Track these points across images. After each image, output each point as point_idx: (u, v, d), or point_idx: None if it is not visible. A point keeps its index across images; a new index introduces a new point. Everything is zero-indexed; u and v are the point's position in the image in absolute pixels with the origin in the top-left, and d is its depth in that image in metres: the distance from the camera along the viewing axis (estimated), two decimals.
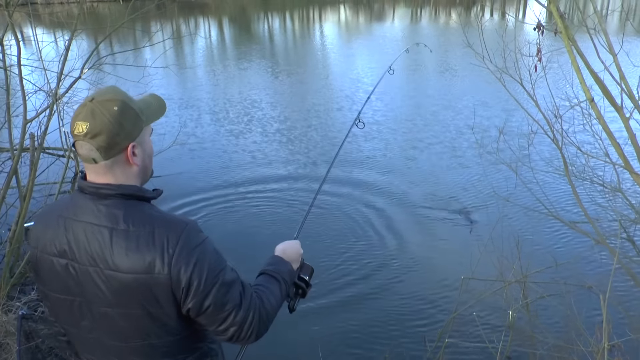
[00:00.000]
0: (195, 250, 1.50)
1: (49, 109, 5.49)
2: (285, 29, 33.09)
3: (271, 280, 1.78)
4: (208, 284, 1.50)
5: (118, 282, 1.48)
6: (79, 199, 1.55)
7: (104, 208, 1.51)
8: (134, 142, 1.55)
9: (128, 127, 1.53)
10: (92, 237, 1.49)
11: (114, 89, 1.59)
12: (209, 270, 1.51)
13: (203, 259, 1.51)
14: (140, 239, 1.47)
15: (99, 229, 1.49)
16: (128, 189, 1.54)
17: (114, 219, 1.49)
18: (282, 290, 1.79)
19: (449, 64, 17.37)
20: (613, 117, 3.63)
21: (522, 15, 33.03)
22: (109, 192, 1.52)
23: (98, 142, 1.48)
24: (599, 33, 3.39)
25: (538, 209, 5.14)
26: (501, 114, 10.93)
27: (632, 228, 4.50)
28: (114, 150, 1.51)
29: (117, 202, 1.52)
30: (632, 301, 4.80)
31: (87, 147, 1.50)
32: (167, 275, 1.46)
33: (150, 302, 1.50)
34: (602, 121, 3.54)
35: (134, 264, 1.46)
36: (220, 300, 1.53)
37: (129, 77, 6.87)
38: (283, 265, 1.87)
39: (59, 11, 8.20)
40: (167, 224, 1.51)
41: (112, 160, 1.53)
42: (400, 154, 9.44)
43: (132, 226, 1.49)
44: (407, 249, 6.32)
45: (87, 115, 1.49)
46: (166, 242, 1.48)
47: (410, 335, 4.94)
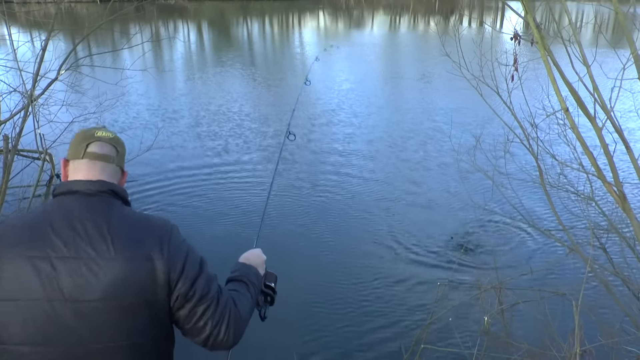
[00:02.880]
0: (184, 243, 1.67)
1: (24, 111, 5.40)
2: (264, 34, 33.09)
3: (240, 285, 1.84)
4: (196, 272, 1.63)
5: (116, 271, 1.54)
6: (66, 200, 1.63)
7: (98, 202, 1.63)
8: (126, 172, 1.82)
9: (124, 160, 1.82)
10: (87, 230, 1.56)
11: None
12: (195, 261, 1.65)
13: (191, 250, 1.67)
14: (137, 230, 1.61)
15: (94, 221, 1.58)
16: (118, 187, 1.71)
17: (109, 212, 1.61)
18: (251, 292, 1.84)
19: (426, 72, 17.55)
20: (587, 127, 3.71)
21: (500, 25, 33.54)
22: (100, 188, 1.65)
23: (119, 149, 1.76)
24: (573, 44, 3.46)
25: (514, 217, 5.21)
26: (478, 123, 11.07)
27: (605, 236, 4.59)
28: (122, 162, 1.79)
29: (108, 198, 1.66)
30: (603, 308, 4.88)
31: (110, 148, 1.74)
32: (166, 261, 1.58)
33: (147, 288, 1.57)
34: (576, 131, 3.61)
35: (134, 252, 1.56)
36: (204, 289, 1.62)
37: (106, 79, 6.80)
38: (248, 269, 1.93)
39: (35, 10, 8.07)
40: (159, 220, 1.69)
41: (118, 170, 1.76)
42: (376, 160, 9.49)
43: (127, 219, 1.63)
44: (382, 256, 6.34)
45: (108, 132, 1.77)
46: (162, 233, 1.63)
47: (386, 341, 4.95)
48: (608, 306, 4.82)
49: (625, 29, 3.22)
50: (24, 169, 6.14)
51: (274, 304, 2.05)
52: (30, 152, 7.08)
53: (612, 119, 3.40)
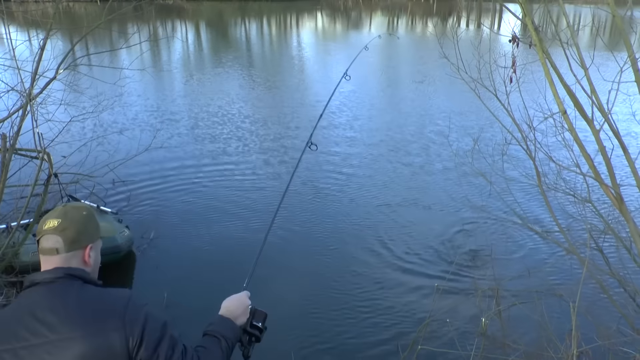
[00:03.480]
0: (143, 309, 1.69)
1: (23, 110, 5.39)
2: (262, 34, 33.09)
3: (212, 341, 1.89)
4: (157, 336, 1.67)
5: (75, 349, 1.59)
6: (29, 293, 1.68)
7: (56, 289, 1.66)
8: (92, 244, 1.80)
9: (90, 231, 1.80)
10: (46, 316, 1.61)
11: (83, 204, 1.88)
12: (155, 324, 1.68)
13: (151, 314, 1.69)
14: (93, 307, 1.65)
15: (52, 306, 1.62)
16: (75, 271, 1.72)
17: (66, 296, 1.65)
18: (222, 348, 1.89)
19: (424, 74, 17.58)
20: (584, 129, 3.73)
21: (498, 27, 33.61)
22: (57, 275, 1.69)
23: (66, 234, 1.73)
24: (571, 47, 3.48)
25: (511, 218, 5.23)
26: (476, 125, 11.10)
27: (601, 238, 4.60)
28: (76, 244, 1.74)
29: (66, 282, 1.69)
30: (600, 309, 4.90)
31: (54, 240, 1.72)
32: (122, 331, 1.62)
33: None
34: (573, 133, 3.62)
35: (90, 328, 1.60)
36: (167, 353, 1.67)
37: (105, 78, 6.80)
38: (223, 324, 1.98)
39: (33, 9, 8.06)
40: (114, 294, 1.72)
41: (72, 254, 1.74)
42: (373, 163, 9.51)
43: (84, 296, 1.67)
44: (380, 258, 6.35)
45: (60, 214, 1.76)
46: (117, 303, 1.66)
47: (383, 342, 4.97)
48: (605, 307, 4.84)
49: (622, 32, 3.24)
50: (22, 168, 6.12)
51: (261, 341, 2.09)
52: (28, 151, 7.06)
53: (610, 122, 3.41)
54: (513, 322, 5.00)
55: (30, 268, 5.22)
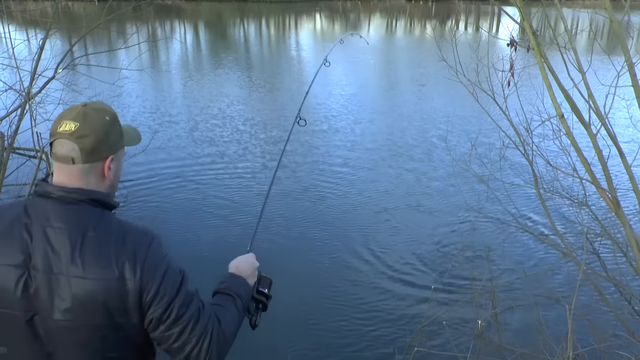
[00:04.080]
0: (163, 260, 1.52)
1: (21, 109, 5.39)
2: (261, 35, 33.10)
3: (226, 299, 1.74)
4: (173, 292, 1.51)
5: (85, 290, 1.44)
6: (41, 204, 1.50)
7: (74, 213, 1.48)
8: (113, 156, 1.58)
9: (112, 140, 1.57)
10: (60, 243, 1.45)
11: (105, 104, 1.64)
12: (173, 280, 1.52)
13: (170, 269, 1.53)
14: (110, 246, 1.47)
15: (67, 233, 1.46)
16: (97, 194, 1.53)
17: (84, 225, 1.47)
18: (238, 307, 1.73)
19: (421, 76, 17.60)
20: (582, 133, 3.74)
21: (496, 30, 33.67)
22: (80, 197, 1.50)
23: (84, 143, 1.50)
24: (569, 51, 3.50)
25: (508, 221, 5.24)
26: (474, 128, 11.12)
27: (598, 242, 4.62)
28: (95, 156, 1.53)
29: (87, 207, 1.51)
30: (596, 312, 4.92)
31: (70, 147, 1.50)
32: (139, 281, 1.46)
33: (117, 309, 1.47)
34: (571, 137, 3.64)
35: (105, 271, 1.44)
36: (180, 310, 1.51)
37: (103, 78, 6.80)
38: (237, 281, 1.82)
39: (32, 9, 8.07)
40: (136, 232, 1.53)
41: (90, 166, 1.53)
42: (372, 165, 9.52)
43: (102, 233, 1.48)
44: (376, 260, 6.36)
45: (79, 116, 1.52)
46: (137, 249, 1.49)
47: (380, 344, 4.97)
48: (601, 311, 4.86)
49: (619, 36, 3.26)
50: (20, 167, 6.12)
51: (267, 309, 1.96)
52: (26, 150, 7.06)
53: (607, 126, 3.43)
54: (509, 325, 5.02)
55: None
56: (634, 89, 3.22)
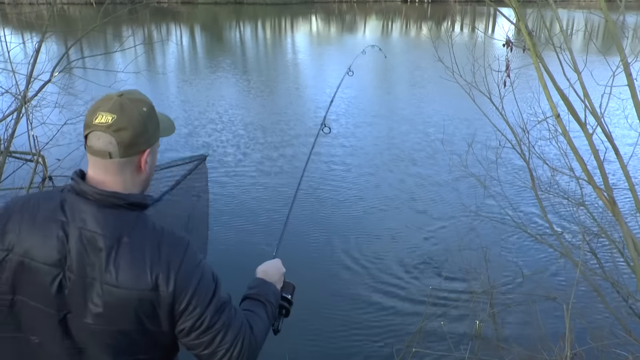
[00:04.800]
0: (197, 269, 1.48)
1: (17, 112, 5.38)
2: (257, 38, 33.11)
3: (257, 305, 1.71)
4: (206, 302, 1.48)
5: (116, 298, 1.42)
6: (77, 203, 1.45)
7: (111, 217, 1.44)
8: (149, 149, 1.54)
9: (150, 132, 1.52)
10: (95, 248, 1.42)
11: (140, 92, 1.58)
12: (206, 289, 1.49)
13: (203, 279, 1.49)
14: (145, 254, 1.43)
15: (102, 238, 1.42)
16: (135, 198, 1.49)
17: (120, 231, 1.44)
18: (268, 313, 1.72)
19: (419, 77, 17.63)
20: (578, 133, 3.76)
21: (492, 31, 33.76)
22: (116, 202, 1.45)
23: (121, 136, 1.44)
24: (564, 51, 3.51)
25: (505, 222, 5.25)
26: (470, 128, 11.14)
27: (595, 241, 4.64)
28: (132, 149, 1.48)
29: (124, 212, 1.46)
30: (594, 311, 4.93)
31: (107, 140, 1.44)
32: (172, 292, 1.44)
33: (149, 318, 1.45)
34: (567, 136, 3.65)
35: (139, 279, 1.42)
36: (212, 320, 1.48)
37: (100, 81, 6.77)
38: (267, 287, 1.80)
39: (28, 12, 8.05)
40: (171, 240, 1.49)
41: (127, 160, 1.48)
42: (369, 166, 9.52)
43: (137, 239, 1.45)
44: (372, 261, 6.36)
45: (115, 108, 1.45)
46: (172, 258, 1.45)
47: (377, 345, 4.97)
48: (598, 310, 4.87)
49: (614, 36, 3.27)
50: (16, 171, 6.10)
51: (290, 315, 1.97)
52: (23, 154, 7.04)
53: (602, 125, 3.44)
54: (507, 324, 5.03)
55: None
56: (630, 89, 3.23)
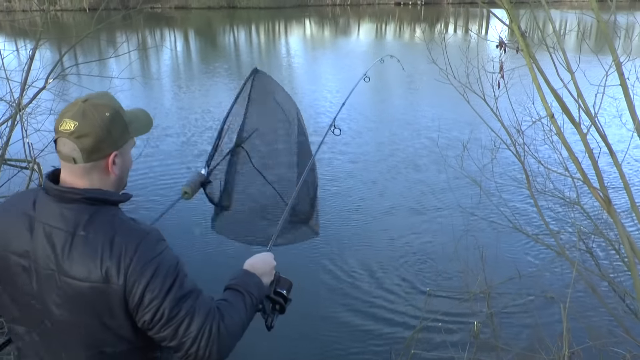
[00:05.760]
0: (151, 262, 1.47)
1: (12, 120, 5.37)
2: (251, 42, 33.12)
3: (234, 294, 1.69)
4: (161, 297, 1.46)
5: (73, 290, 1.46)
6: (44, 200, 1.52)
7: (68, 212, 1.49)
8: (116, 152, 1.56)
9: (115, 136, 1.54)
10: (52, 240, 1.47)
11: (108, 96, 1.62)
12: (163, 283, 1.47)
13: (159, 271, 1.47)
14: (98, 247, 1.45)
15: (59, 232, 1.47)
16: (92, 193, 1.51)
17: (75, 224, 1.47)
18: (247, 304, 1.68)
19: (413, 79, 17.66)
20: (572, 133, 3.77)
21: (485, 32, 33.86)
22: (73, 196, 1.49)
23: (83, 143, 1.48)
24: (557, 51, 3.53)
25: (501, 222, 5.26)
26: (465, 129, 11.16)
27: (591, 240, 4.66)
28: (96, 155, 1.52)
29: (82, 206, 1.50)
30: (591, 310, 4.95)
31: (70, 146, 1.49)
32: (122, 285, 1.44)
33: (104, 311, 1.47)
34: (561, 136, 3.67)
35: (90, 272, 1.44)
36: (172, 311, 1.47)
37: (94, 88, 6.76)
38: (248, 278, 1.77)
39: (21, 19, 8.04)
40: (126, 232, 1.49)
41: (92, 165, 1.52)
42: (364, 168, 9.53)
43: (91, 233, 1.47)
44: (371, 262, 6.36)
45: (78, 114, 1.50)
46: (124, 251, 1.45)
47: (376, 347, 4.97)
48: (595, 309, 4.89)
49: (607, 36, 3.29)
50: (12, 178, 6.08)
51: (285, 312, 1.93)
52: (18, 161, 7.02)
53: (596, 125, 3.46)
54: (505, 324, 5.04)
55: None
56: (622, 88, 3.25)
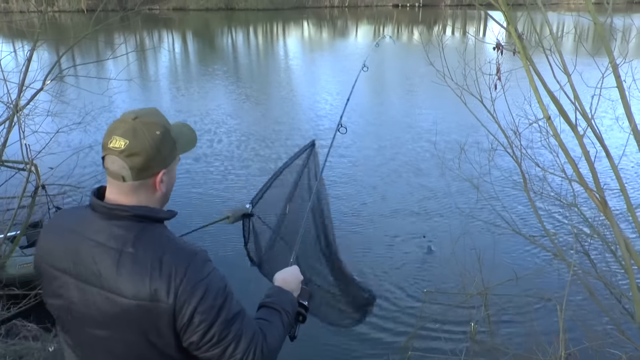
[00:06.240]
0: (201, 284, 1.45)
1: (9, 121, 5.36)
2: (249, 44, 33.14)
3: (272, 313, 1.70)
4: (211, 319, 1.45)
5: (119, 307, 1.44)
6: (91, 217, 1.51)
7: (115, 229, 1.47)
8: (165, 170, 1.54)
9: (164, 154, 1.52)
10: (100, 257, 1.46)
11: (157, 112, 1.58)
12: (213, 305, 1.46)
13: (208, 292, 1.46)
14: (147, 265, 1.44)
15: (107, 250, 1.46)
16: (140, 210, 1.50)
17: (123, 242, 1.46)
18: (284, 322, 1.70)
19: (410, 81, 17.69)
20: (569, 134, 3.78)
21: (482, 34, 33.92)
22: (121, 214, 1.48)
23: (133, 162, 1.47)
24: (554, 53, 3.53)
25: (499, 224, 5.27)
26: (462, 131, 11.18)
27: (587, 242, 4.66)
28: (145, 173, 1.50)
29: (130, 224, 1.49)
30: (587, 312, 4.96)
31: (120, 164, 1.47)
32: (171, 306, 1.42)
33: (150, 330, 1.46)
34: (558, 138, 3.68)
35: (138, 290, 1.42)
36: (221, 334, 1.47)
37: (92, 89, 6.77)
38: (284, 296, 1.79)
39: (19, 20, 8.03)
40: (175, 252, 1.48)
41: (141, 183, 1.51)
42: (362, 170, 9.54)
43: (140, 250, 1.45)
44: (370, 263, 6.37)
45: (128, 132, 1.47)
46: (173, 272, 1.43)
47: (373, 347, 4.98)
48: (592, 310, 4.89)
49: (603, 39, 3.30)
50: (9, 180, 6.07)
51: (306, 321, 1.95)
52: (15, 163, 7.00)
53: (593, 127, 3.46)
54: (502, 326, 5.05)
55: (17, 281, 5.18)
56: (619, 90, 3.26)
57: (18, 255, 5.91)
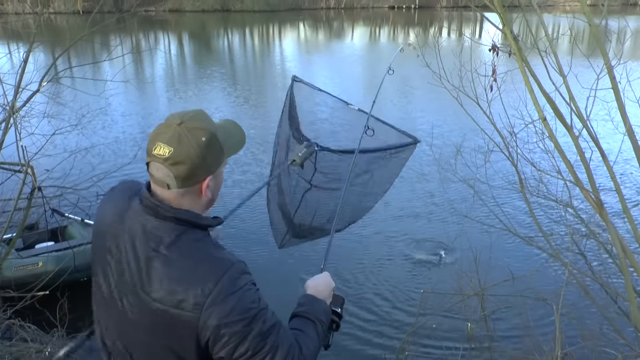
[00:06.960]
0: (232, 296, 1.39)
1: (5, 123, 5.35)
2: (245, 46, 33.13)
3: (307, 323, 1.64)
4: (241, 333, 1.39)
5: (146, 306, 1.41)
6: (137, 207, 1.48)
7: (155, 227, 1.44)
8: (211, 176, 1.49)
9: (210, 161, 1.46)
10: (137, 253, 1.43)
11: (203, 115, 1.50)
12: (242, 319, 1.39)
13: (238, 305, 1.39)
14: (178, 271, 1.39)
15: (144, 246, 1.43)
16: (184, 214, 1.45)
17: (159, 242, 1.42)
18: (318, 332, 1.64)
19: (407, 82, 17.72)
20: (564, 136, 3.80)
21: (478, 36, 34.00)
22: (165, 213, 1.44)
23: (178, 170, 1.41)
24: (549, 55, 3.55)
25: (495, 225, 5.29)
26: (459, 132, 11.20)
27: (583, 242, 4.68)
28: (190, 181, 1.44)
29: (170, 225, 1.44)
30: (583, 312, 4.97)
31: (165, 172, 1.42)
32: (197, 316, 1.37)
33: (172, 336, 1.41)
34: (554, 139, 3.70)
35: (166, 294, 1.38)
36: (256, 347, 1.40)
37: (88, 90, 6.77)
38: (317, 305, 1.72)
39: (15, 21, 8.01)
40: (211, 261, 1.42)
41: (186, 190, 1.46)
42: None
43: (175, 254, 1.41)
44: (366, 265, 6.38)
45: (173, 139, 1.41)
46: (204, 281, 1.38)
47: (371, 348, 4.99)
48: (588, 310, 4.91)
49: (598, 40, 3.32)
50: (5, 182, 6.06)
51: None
52: (12, 165, 6.99)
53: (588, 128, 3.49)
54: (498, 326, 5.06)
55: (13, 283, 5.17)
56: (614, 91, 3.28)
57: (14, 258, 5.90)
